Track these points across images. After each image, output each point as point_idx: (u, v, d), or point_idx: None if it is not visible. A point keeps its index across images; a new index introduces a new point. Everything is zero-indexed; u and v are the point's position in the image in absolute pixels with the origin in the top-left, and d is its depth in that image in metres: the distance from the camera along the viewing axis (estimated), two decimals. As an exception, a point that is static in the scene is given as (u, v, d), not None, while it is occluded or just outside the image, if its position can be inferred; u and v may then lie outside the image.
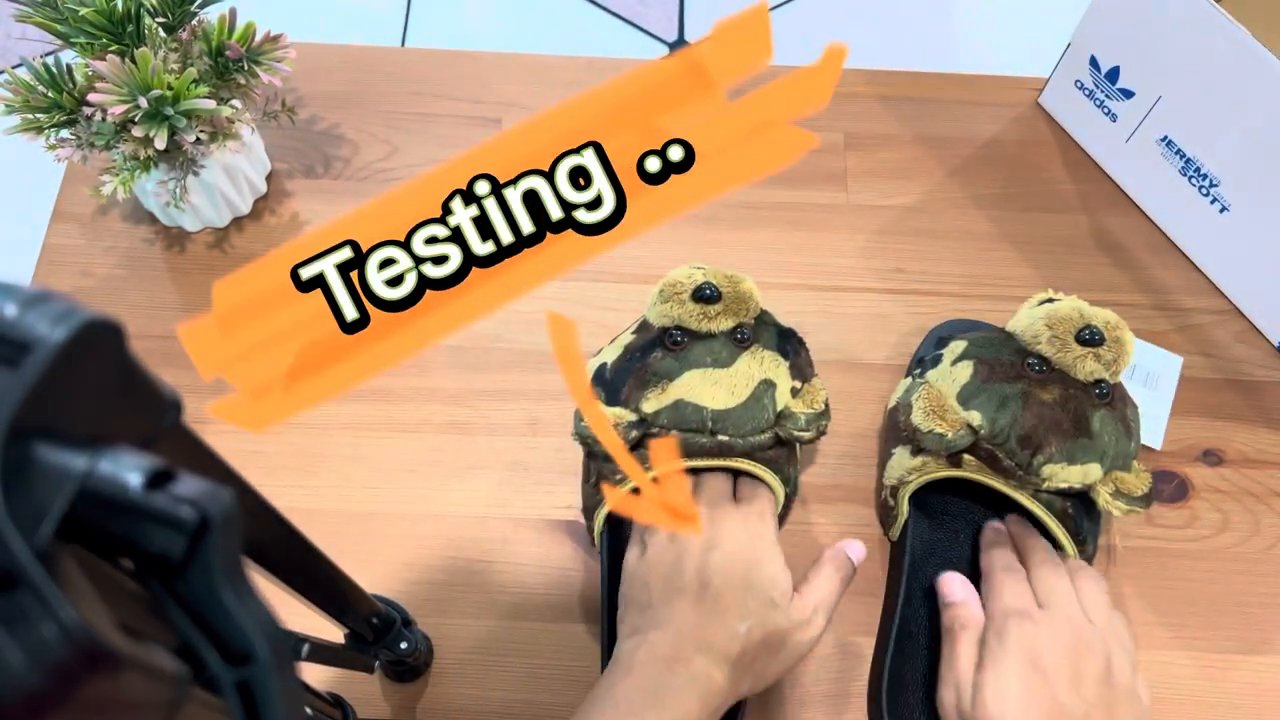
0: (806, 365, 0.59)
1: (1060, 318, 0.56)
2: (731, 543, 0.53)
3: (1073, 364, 0.56)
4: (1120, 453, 0.56)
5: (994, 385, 0.56)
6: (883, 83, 0.81)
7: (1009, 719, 0.50)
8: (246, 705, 0.22)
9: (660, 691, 0.49)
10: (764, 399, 0.55)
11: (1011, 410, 0.55)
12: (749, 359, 0.56)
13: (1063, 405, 0.55)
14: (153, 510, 0.20)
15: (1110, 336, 0.56)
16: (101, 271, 0.71)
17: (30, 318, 0.19)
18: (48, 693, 0.17)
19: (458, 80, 0.80)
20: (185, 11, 0.63)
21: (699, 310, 0.55)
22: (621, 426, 0.54)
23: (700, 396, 0.54)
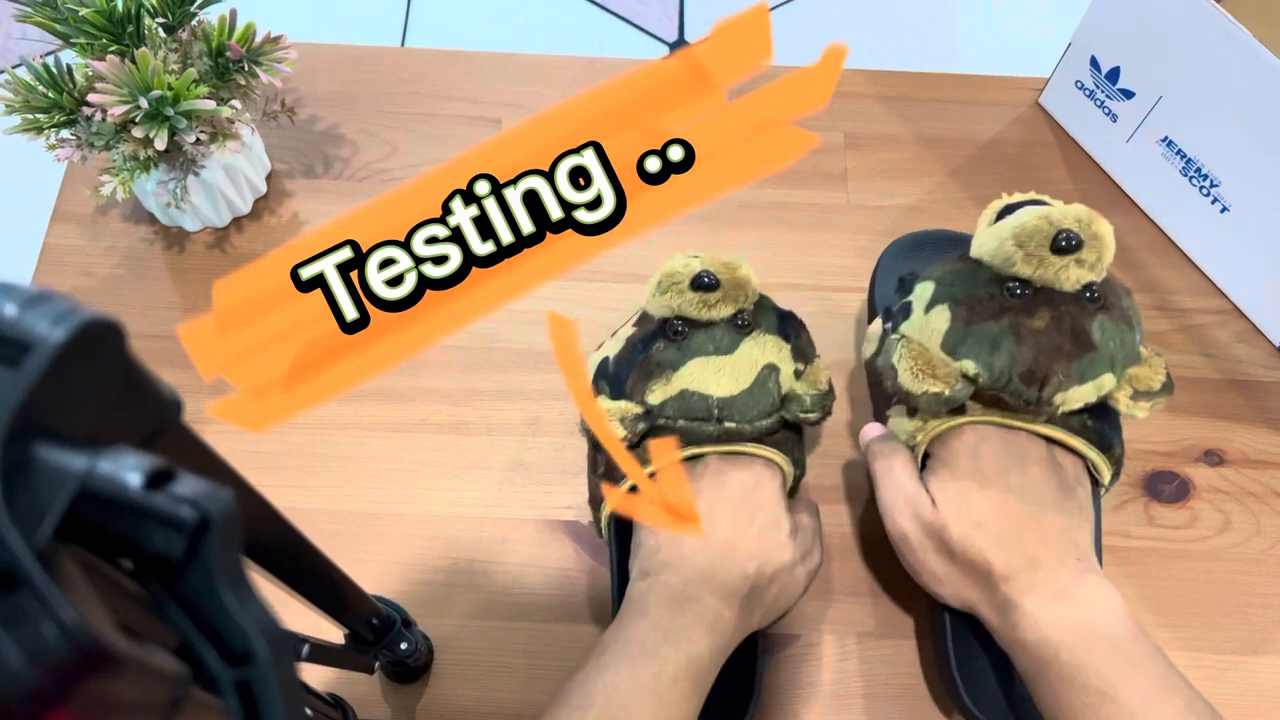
0: (808, 346, 0.59)
1: (1029, 231, 0.51)
2: (737, 490, 0.54)
3: (1055, 277, 0.51)
4: (1127, 350, 0.53)
5: (979, 326, 0.52)
6: (883, 83, 0.81)
7: (975, 514, 0.52)
8: (246, 705, 0.22)
9: (672, 630, 0.50)
10: (768, 383, 0.55)
11: (1006, 349, 0.52)
12: (751, 344, 0.55)
13: (1057, 327, 0.52)
14: (152, 510, 0.20)
15: (1086, 235, 0.51)
16: (101, 271, 0.71)
17: (30, 317, 0.19)
18: (47, 692, 0.17)
19: (457, 80, 0.80)
20: (185, 12, 0.63)
21: (698, 299, 0.55)
22: (628, 420, 0.54)
23: (705, 385, 0.54)
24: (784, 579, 0.54)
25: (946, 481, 0.53)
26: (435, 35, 1.31)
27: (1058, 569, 0.50)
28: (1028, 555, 0.50)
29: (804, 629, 0.61)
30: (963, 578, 0.53)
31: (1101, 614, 0.49)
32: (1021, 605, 0.49)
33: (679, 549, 0.53)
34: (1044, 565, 0.50)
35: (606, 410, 0.54)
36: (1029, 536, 0.51)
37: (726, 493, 0.54)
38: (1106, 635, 0.48)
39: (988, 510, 0.52)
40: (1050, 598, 0.49)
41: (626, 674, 0.48)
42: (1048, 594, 0.49)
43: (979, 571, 0.52)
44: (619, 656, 0.49)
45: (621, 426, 0.54)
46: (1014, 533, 0.51)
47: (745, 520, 0.54)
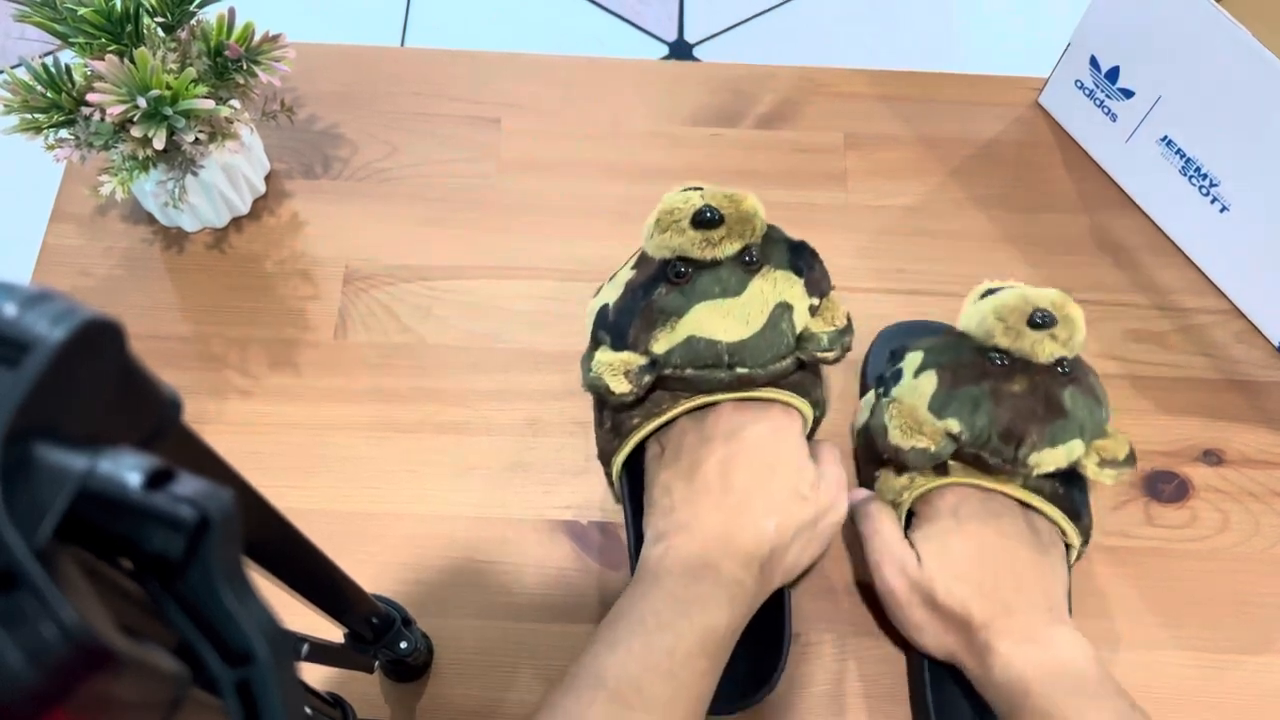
0: (822, 279, 0.56)
1: (1009, 308, 0.55)
2: (754, 441, 0.52)
3: (1031, 349, 0.55)
4: (1095, 422, 0.56)
5: (962, 389, 0.55)
6: (883, 83, 0.81)
7: (956, 568, 0.54)
8: (246, 705, 0.22)
9: (688, 601, 0.48)
10: (781, 324, 0.53)
11: (986, 410, 0.54)
12: (761, 283, 0.52)
13: (1032, 392, 0.55)
14: (152, 510, 0.20)
15: (1060, 315, 0.55)
16: (100, 271, 0.71)
17: (30, 317, 0.19)
18: (47, 692, 0.17)
19: (457, 80, 0.80)
20: (184, 11, 0.63)
21: (701, 237, 0.51)
22: (633, 373, 0.52)
23: (713, 330, 0.52)
24: (807, 535, 0.53)
25: (930, 538, 0.56)
26: (435, 35, 1.31)
27: (1030, 615, 0.53)
28: (1003, 603, 0.53)
29: (804, 629, 0.61)
30: (944, 627, 0.55)
31: (1069, 656, 0.51)
32: (996, 648, 0.51)
33: (694, 509, 0.51)
34: (1018, 611, 0.53)
35: (609, 363, 0.52)
36: (1005, 586, 0.53)
37: (742, 445, 0.52)
38: (1072, 674, 0.50)
39: (968, 563, 0.54)
40: (1022, 640, 0.51)
41: (639, 650, 0.46)
42: (1020, 637, 0.52)
43: (959, 620, 0.53)
44: (630, 631, 0.47)
45: (625, 380, 0.52)
46: (991, 583, 0.53)
47: (764, 475, 0.52)
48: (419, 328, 0.69)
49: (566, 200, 0.75)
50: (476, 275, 0.72)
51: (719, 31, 1.28)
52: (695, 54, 1.26)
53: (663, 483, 0.53)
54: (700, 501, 0.51)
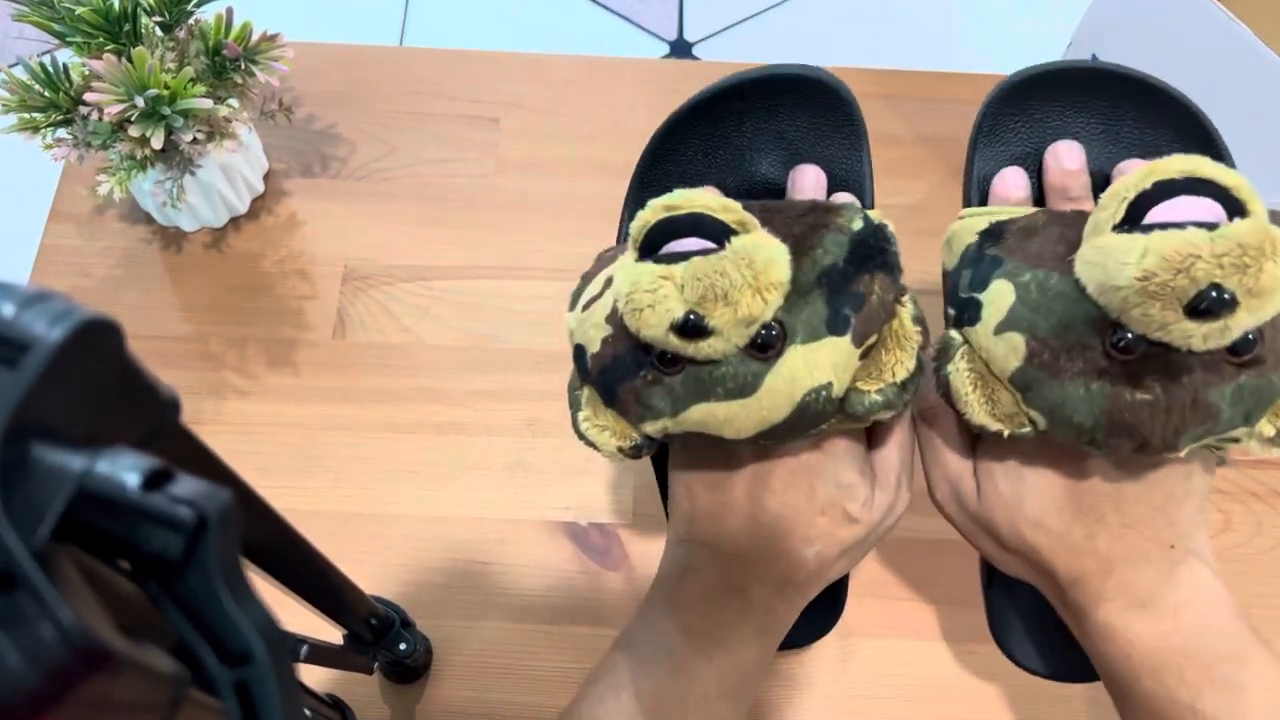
0: (880, 304, 0.39)
1: (1162, 281, 0.34)
2: (792, 455, 0.42)
3: (1185, 342, 0.35)
4: (1265, 400, 0.38)
5: (1058, 382, 0.38)
6: (883, 82, 0.81)
7: (1029, 511, 0.41)
8: (244, 706, 0.22)
9: (709, 635, 0.41)
10: (814, 406, 0.38)
11: (1087, 411, 0.37)
12: (783, 369, 0.38)
13: (1170, 398, 0.37)
14: (150, 510, 0.20)
15: (1246, 289, 0.33)
16: (98, 271, 0.71)
17: (28, 317, 0.19)
18: (45, 693, 0.17)
19: (456, 79, 0.80)
20: (182, 11, 0.63)
21: (689, 345, 0.37)
22: (628, 448, 0.42)
23: (721, 428, 0.39)
24: (853, 551, 0.43)
25: (995, 467, 0.42)
26: (434, 34, 1.31)
27: (1140, 568, 0.40)
28: (1099, 557, 0.40)
29: (804, 629, 0.61)
30: (1023, 567, 0.43)
31: (1194, 622, 0.39)
32: (1093, 615, 0.40)
33: (719, 525, 0.42)
34: (1120, 567, 0.40)
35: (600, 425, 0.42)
36: (1102, 532, 0.40)
37: (779, 457, 0.42)
38: (1199, 657, 0.38)
39: (1047, 504, 0.41)
40: (1127, 609, 0.39)
41: (647, 697, 0.40)
42: (1124, 604, 0.39)
43: (1040, 570, 0.42)
44: (638, 672, 0.40)
45: (619, 453, 0.42)
46: (1082, 530, 0.40)
47: (803, 498, 0.41)
48: (417, 327, 0.69)
49: (566, 200, 0.75)
50: (475, 275, 0.72)
51: (719, 30, 1.28)
52: (695, 53, 1.26)
53: (683, 481, 0.44)
54: (726, 519, 0.42)
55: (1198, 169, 0.36)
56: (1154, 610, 0.39)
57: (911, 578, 0.62)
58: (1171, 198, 0.36)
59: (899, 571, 0.62)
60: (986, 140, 0.47)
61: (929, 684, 0.60)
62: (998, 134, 0.47)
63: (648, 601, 0.44)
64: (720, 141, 0.48)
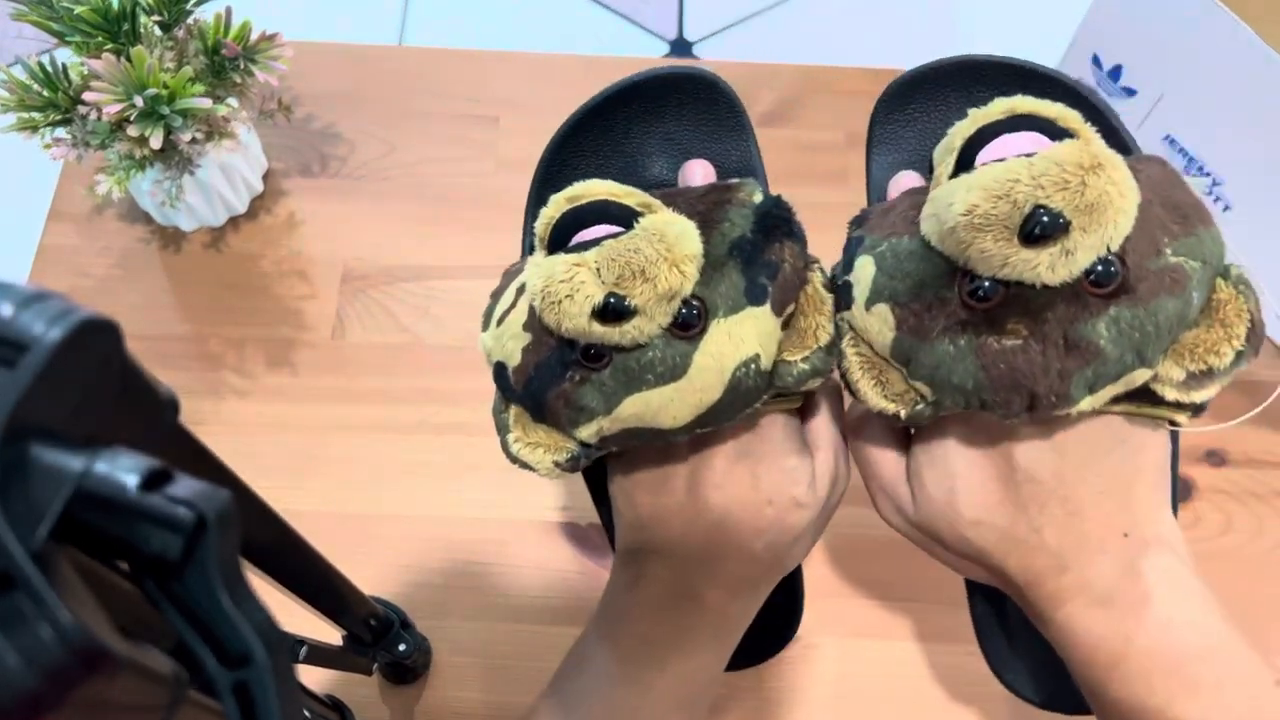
0: (794, 273, 0.40)
1: (987, 213, 0.33)
2: (730, 444, 0.40)
3: (1034, 275, 0.34)
4: (1166, 327, 0.36)
5: (929, 344, 0.36)
6: (883, 82, 0.81)
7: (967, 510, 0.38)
8: (243, 707, 0.22)
9: (662, 643, 0.39)
10: (747, 381, 0.38)
11: (964, 370, 0.36)
12: (709, 346, 0.37)
13: (1040, 338, 0.35)
14: (149, 511, 0.20)
15: (1074, 208, 0.32)
16: (97, 271, 0.71)
17: (26, 317, 0.19)
18: (44, 695, 0.17)
19: (455, 78, 0.80)
20: (181, 10, 0.63)
21: (613, 331, 0.36)
22: (564, 462, 0.40)
23: (656, 418, 0.38)
24: (806, 535, 0.42)
25: (925, 468, 0.40)
26: (433, 33, 1.30)
27: (1096, 561, 0.37)
28: (1050, 551, 0.37)
29: (803, 631, 0.61)
30: (981, 572, 0.40)
31: (1158, 621, 0.36)
32: (1053, 619, 0.37)
33: (665, 528, 0.40)
34: (1074, 561, 0.37)
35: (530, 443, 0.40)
36: (1047, 524, 0.37)
37: (715, 448, 0.40)
38: (1167, 657, 0.36)
39: (983, 500, 0.38)
40: (1087, 608, 0.37)
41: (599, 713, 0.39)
42: (1083, 603, 0.37)
43: (995, 573, 0.39)
44: (589, 687, 0.39)
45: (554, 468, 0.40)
46: (1025, 524, 0.37)
47: (746, 484, 0.40)
48: (417, 327, 0.69)
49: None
50: (475, 275, 0.71)
51: (719, 29, 1.28)
52: (695, 52, 1.26)
53: (622, 488, 0.42)
54: (671, 522, 0.40)
55: (1017, 106, 0.36)
56: (1116, 608, 0.36)
57: (911, 578, 0.62)
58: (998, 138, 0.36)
59: (898, 572, 0.62)
60: (878, 149, 0.47)
61: (929, 684, 0.60)
62: (888, 141, 0.46)
63: (597, 617, 0.42)
64: (611, 149, 0.48)
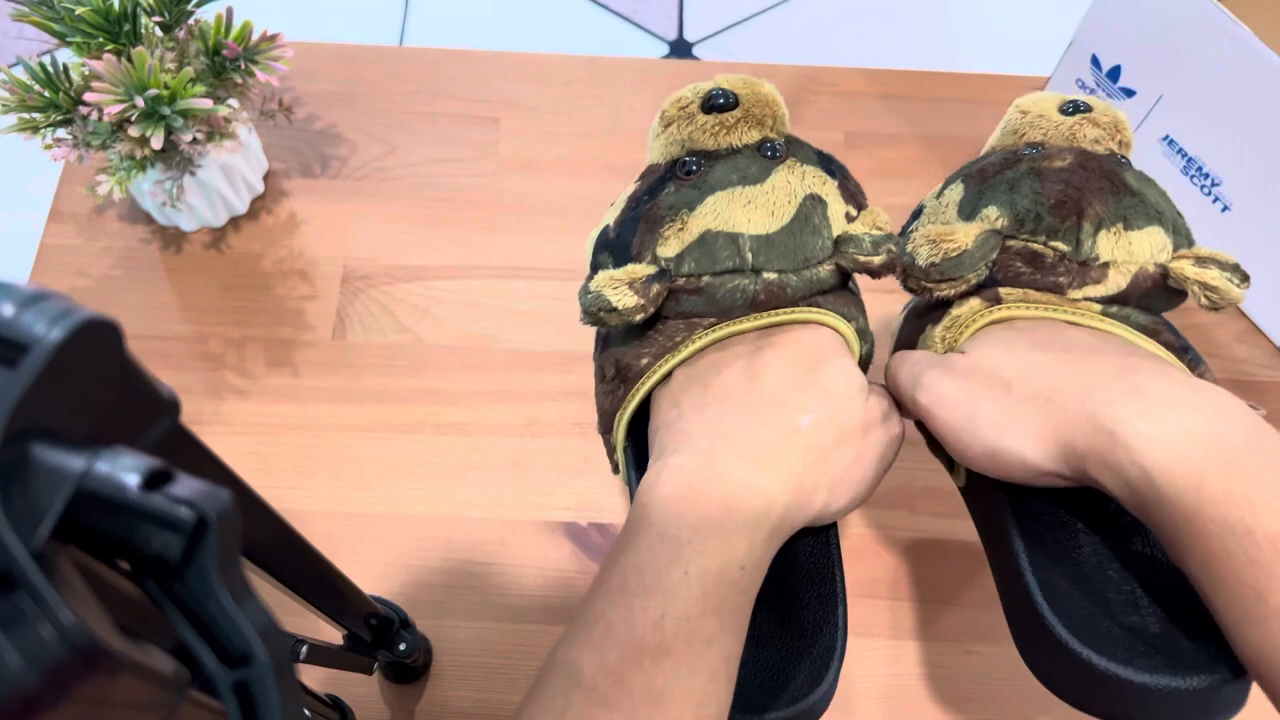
0: (857, 191, 0.47)
1: (1032, 100, 0.48)
2: (789, 346, 0.42)
3: (1070, 134, 0.46)
4: (1175, 216, 0.46)
5: (994, 179, 0.46)
6: (883, 82, 0.81)
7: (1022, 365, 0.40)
8: (244, 707, 0.22)
9: (684, 540, 0.36)
10: (813, 218, 0.43)
11: (1028, 187, 0.44)
12: (786, 173, 0.44)
13: (1084, 165, 0.44)
14: (150, 511, 0.20)
15: (1095, 105, 0.46)
16: (98, 271, 0.71)
17: (27, 317, 0.19)
18: (45, 694, 0.17)
19: (456, 79, 0.80)
20: (182, 10, 0.63)
21: (714, 122, 0.44)
22: (639, 284, 0.42)
23: (732, 221, 0.42)
24: (855, 441, 0.41)
25: (976, 367, 0.42)
26: (433, 34, 1.30)
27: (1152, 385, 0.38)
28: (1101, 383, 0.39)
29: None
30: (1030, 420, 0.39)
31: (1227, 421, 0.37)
32: (1121, 435, 0.36)
33: (703, 415, 0.40)
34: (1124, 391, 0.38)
35: (610, 278, 0.42)
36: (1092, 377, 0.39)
37: (774, 345, 0.42)
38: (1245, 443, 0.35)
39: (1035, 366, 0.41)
40: (1150, 413, 0.37)
41: (619, 627, 0.35)
42: (1146, 411, 0.37)
43: (1044, 403, 0.39)
44: (609, 601, 0.36)
45: (631, 293, 0.42)
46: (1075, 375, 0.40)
47: (801, 370, 0.41)
48: (417, 328, 0.69)
49: (565, 200, 0.75)
50: (475, 275, 0.72)
51: (719, 30, 1.28)
52: (695, 53, 1.26)
53: (670, 398, 0.43)
54: (713, 407, 0.40)
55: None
56: (1185, 407, 0.37)
57: (911, 578, 0.62)
58: None
59: (899, 571, 0.62)
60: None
61: (928, 684, 0.60)
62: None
63: (623, 528, 0.39)
64: None
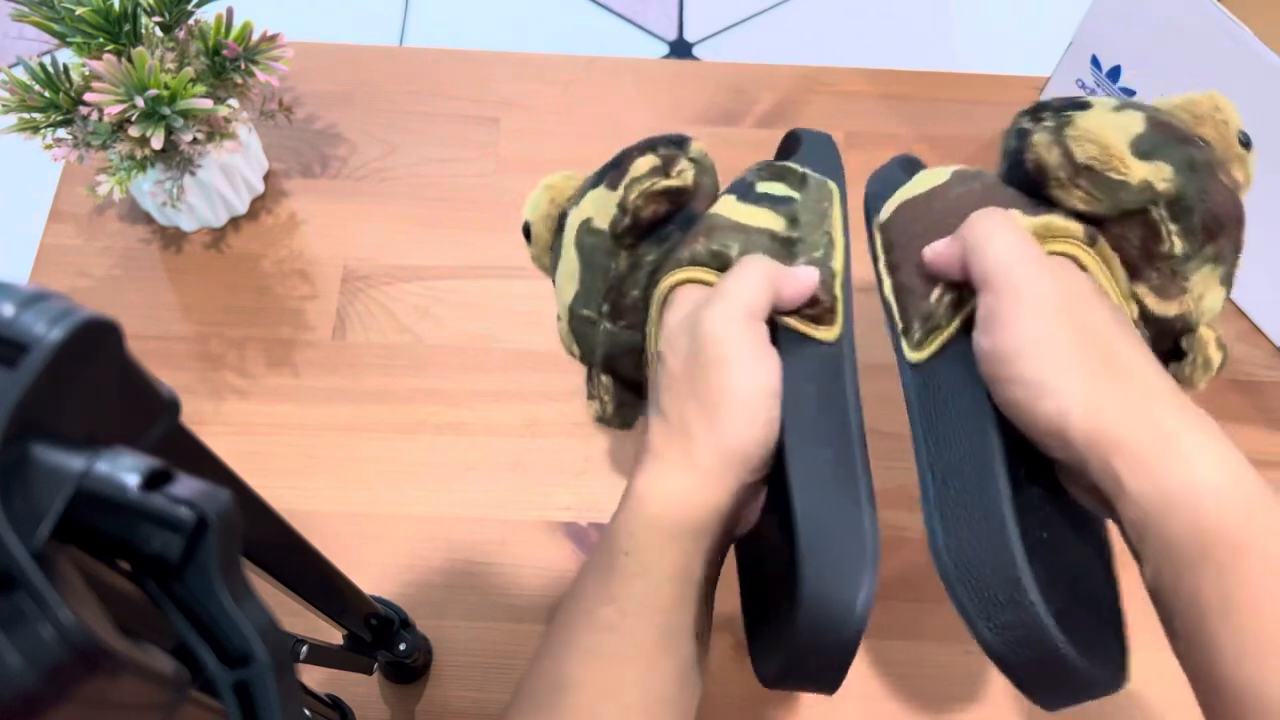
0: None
1: (1229, 107, 0.45)
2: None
3: (1231, 161, 0.44)
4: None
5: (1178, 144, 0.42)
6: (883, 82, 0.81)
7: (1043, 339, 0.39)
8: (244, 707, 0.22)
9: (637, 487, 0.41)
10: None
11: (1201, 180, 0.42)
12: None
13: (1239, 202, 0.43)
14: (150, 511, 0.20)
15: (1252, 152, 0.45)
16: (98, 271, 0.71)
17: (28, 317, 0.19)
18: (45, 694, 0.17)
19: (456, 79, 0.80)
20: (182, 11, 0.63)
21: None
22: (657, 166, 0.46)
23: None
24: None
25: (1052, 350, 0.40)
26: (433, 34, 1.30)
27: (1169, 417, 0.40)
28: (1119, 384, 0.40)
29: (804, 629, 0.61)
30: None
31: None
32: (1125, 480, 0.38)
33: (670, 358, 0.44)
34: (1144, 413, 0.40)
35: (632, 174, 0.46)
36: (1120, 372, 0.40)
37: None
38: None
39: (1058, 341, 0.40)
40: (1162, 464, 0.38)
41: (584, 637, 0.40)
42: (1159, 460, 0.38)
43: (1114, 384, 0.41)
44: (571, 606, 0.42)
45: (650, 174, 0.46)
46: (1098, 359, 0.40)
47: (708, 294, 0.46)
48: (417, 328, 0.69)
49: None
50: (475, 275, 0.72)
51: (719, 30, 1.28)
52: (695, 53, 1.26)
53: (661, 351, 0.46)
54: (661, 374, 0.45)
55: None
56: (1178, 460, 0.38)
57: (912, 578, 0.62)
58: None
59: (899, 571, 0.62)
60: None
61: (929, 684, 0.60)
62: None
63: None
64: None
